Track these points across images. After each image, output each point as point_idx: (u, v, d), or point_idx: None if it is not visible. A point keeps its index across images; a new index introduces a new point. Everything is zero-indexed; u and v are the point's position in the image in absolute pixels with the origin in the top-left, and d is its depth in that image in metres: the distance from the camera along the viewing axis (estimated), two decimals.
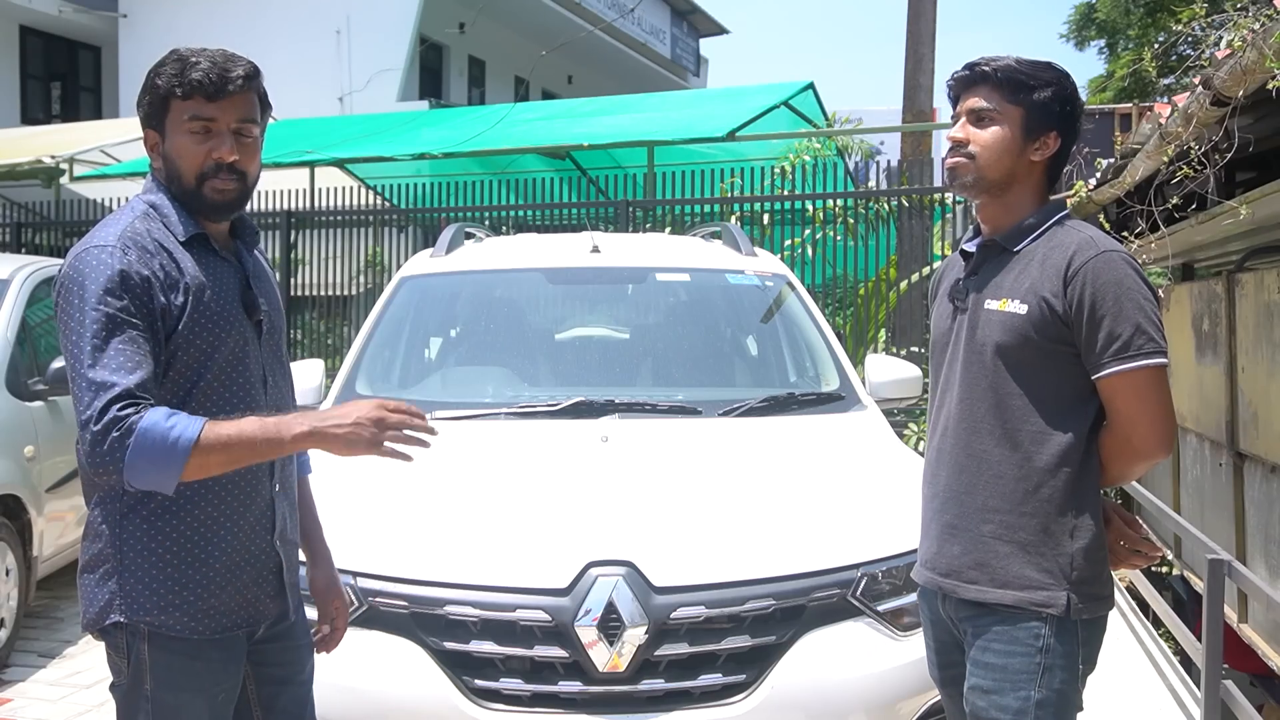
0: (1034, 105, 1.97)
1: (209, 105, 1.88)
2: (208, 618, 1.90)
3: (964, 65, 2.04)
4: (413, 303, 4.02)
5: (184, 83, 1.87)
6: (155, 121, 1.92)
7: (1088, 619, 1.93)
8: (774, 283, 4.07)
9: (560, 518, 2.67)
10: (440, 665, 2.44)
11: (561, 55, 18.52)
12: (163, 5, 17.61)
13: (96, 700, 4.18)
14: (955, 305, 2.08)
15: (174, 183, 1.92)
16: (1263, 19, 3.35)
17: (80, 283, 1.80)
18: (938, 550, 2.03)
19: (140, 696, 1.90)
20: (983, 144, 1.98)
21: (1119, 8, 19.15)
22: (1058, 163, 2.04)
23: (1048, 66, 2.00)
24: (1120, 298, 1.86)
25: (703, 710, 2.43)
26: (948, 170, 2.05)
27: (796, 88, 9.95)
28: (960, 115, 2.02)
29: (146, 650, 1.88)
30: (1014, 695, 1.90)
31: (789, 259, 7.22)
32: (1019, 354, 1.93)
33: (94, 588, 1.89)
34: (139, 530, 1.86)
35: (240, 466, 1.83)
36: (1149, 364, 1.85)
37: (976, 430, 1.98)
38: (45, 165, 10.70)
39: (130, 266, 1.81)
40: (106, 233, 1.86)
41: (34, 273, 5.33)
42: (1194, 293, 5.51)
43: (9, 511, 4.62)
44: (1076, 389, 1.92)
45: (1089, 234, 1.95)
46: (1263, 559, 4.44)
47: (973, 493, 1.98)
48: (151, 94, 1.91)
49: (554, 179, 9.01)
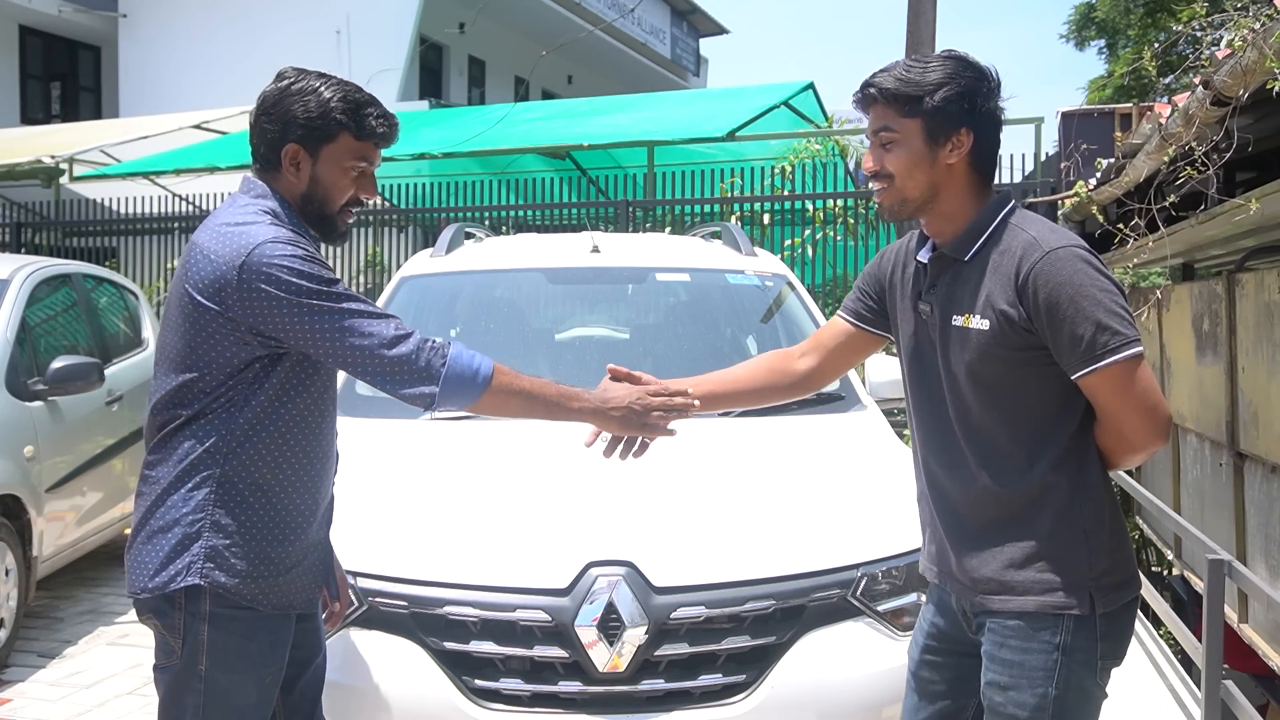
0: (930, 113, 1.88)
1: (376, 151, 2.09)
2: (277, 595, 2.01)
3: (859, 85, 1.98)
4: (413, 303, 4.01)
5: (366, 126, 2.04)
6: (311, 143, 2.02)
7: (1107, 611, 1.89)
8: (774, 283, 4.07)
9: (560, 518, 2.67)
10: (440, 665, 2.44)
11: (561, 55, 18.53)
12: (163, 5, 17.61)
13: (97, 700, 4.18)
14: (923, 318, 2.03)
15: (310, 204, 2.06)
16: (1263, 19, 3.35)
17: (284, 270, 1.91)
18: (958, 564, 1.99)
19: (194, 676, 1.96)
20: (894, 166, 1.93)
21: (1119, 8, 19.15)
22: (984, 156, 1.95)
23: (936, 66, 1.91)
24: (1075, 298, 1.79)
25: (703, 710, 2.42)
26: (876, 204, 2.02)
27: (796, 88, 9.96)
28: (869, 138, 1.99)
29: (206, 631, 1.94)
30: (1031, 692, 1.88)
31: (789, 259, 7.23)
32: (992, 370, 1.89)
33: (168, 550, 1.94)
34: (233, 503, 1.96)
35: (531, 417, 2.16)
36: (1120, 358, 1.79)
37: (974, 449, 1.94)
38: (45, 165, 10.71)
39: (307, 248, 1.97)
40: (267, 230, 1.95)
41: (34, 273, 5.33)
42: (1194, 293, 5.51)
43: (9, 512, 4.62)
44: (1060, 389, 1.88)
45: (1032, 233, 1.87)
46: (1263, 559, 4.44)
47: (983, 509, 1.94)
48: (324, 120, 2.01)
49: (554, 179, 9.02)
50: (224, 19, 16.92)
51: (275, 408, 1.99)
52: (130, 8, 18.09)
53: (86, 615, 5.26)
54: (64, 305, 5.66)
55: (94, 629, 5.06)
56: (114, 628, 5.02)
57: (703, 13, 26.19)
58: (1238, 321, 4.67)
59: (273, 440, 1.99)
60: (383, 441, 3.24)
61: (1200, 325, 5.35)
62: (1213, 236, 5.32)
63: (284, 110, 2.01)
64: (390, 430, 3.31)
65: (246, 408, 1.97)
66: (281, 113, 2.01)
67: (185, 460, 1.96)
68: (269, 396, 1.98)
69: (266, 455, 1.99)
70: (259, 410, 1.97)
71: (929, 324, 2.01)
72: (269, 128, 2.03)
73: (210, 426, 1.96)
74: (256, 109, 2.06)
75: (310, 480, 2.07)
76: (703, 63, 27.97)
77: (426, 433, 3.25)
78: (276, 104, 2.02)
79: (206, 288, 1.93)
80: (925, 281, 2.02)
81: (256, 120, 2.06)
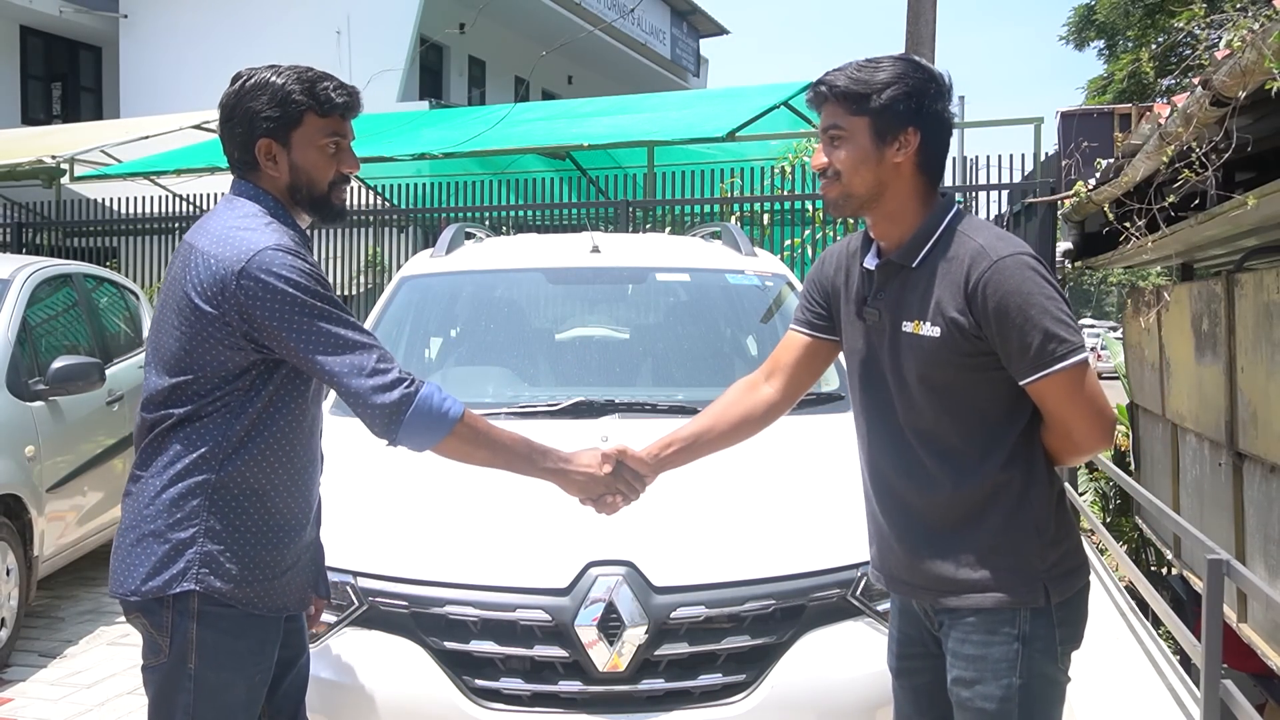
0: (877, 112, 1.91)
1: (344, 123, 2.08)
2: (272, 598, 2.02)
3: (811, 84, 2.01)
4: (413, 303, 4.02)
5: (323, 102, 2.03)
6: (281, 134, 2.03)
7: (1063, 600, 1.93)
8: (774, 283, 4.07)
9: (560, 518, 2.67)
10: (440, 665, 2.44)
11: (561, 55, 18.51)
12: (163, 5, 17.61)
13: (97, 700, 4.18)
14: (868, 323, 2.04)
15: (299, 191, 2.06)
16: (1262, 19, 3.35)
17: (283, 280, 1.91)
18: (909, 565, 2.02)
19: (183, 675, 1.95)
20: (840, 163, 1.95)
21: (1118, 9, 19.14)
22: (931, 157, 1.96)
23: (886, 66, 1.94)
24: (1023, 306, 1.82)
25: (703, 710, 2.43)
26: (823, 197, 2.04)
27: (796, 88, 9.95)
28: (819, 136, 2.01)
29: (194, 629, 1.94)
30: (996, 684, 1.91)
31: (789, 259, 7.23)
32: (943, 375, 1.91)
33: (161, 557, 1.94)
34: (228, 508, 1.96)
35: (495, 467, 2.13)
36: (1066, 365, 1.83)
37: (924, 452, 1.96)
38: (46, 165, 10.71)
39: (307, 260, 1.98)
40: (268, 236, 1.96)
41: (34, 273, 5.34)
42: (1194, 293, 5.51)
43: (10, 511, 4.62)
44: (1009, 392, 1.91)
45: (980, 241, 1.89)
46: (1262, 559, 4.44)
47: (931, 511, 1.97)
48: (284, 108, 2.01)
49: (554, 179, 9.02)
50: (224, 19, 16.92)
51: (271, 413, 2.00)
52: (130, 8, 18.09)
53: (87, 615, 5.26)
54: (65, 305, 5.67)
55: (95, 629, 5.06)
56: (114, 627, 5.02)
57: (703, 13, 26.18)
58: (1237, 321, 4.67)
59: (268, 446, 2.00)
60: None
61: (1199, 325, 5.35)
62: (1212, 236, 5.32)
63: (245, 110, 2.02)
64: None
65: (243, 414, 1.97)
66: (243, 113, 2.02)
67: (178, 464, 1.95)
68: (265, 402, 1.99)
69: (261, 460, 1.99)
70: (255, 416, 1.98)
71: (876, 329, 2.02)
72: (237, 131, 2.04)
73: (205, 431, 1.96)
74: (221, 117, 2.07)
75: (303, 483, 2.08)
76: (703, 63, 27.96)
77: None
78: (236, 106, 2.03)
79: (206, 291, 1.93)
80: (871, 287, 2.03)
81: (223, 127, 2.07)
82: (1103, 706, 3.62)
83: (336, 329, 1.94)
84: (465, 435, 2.03)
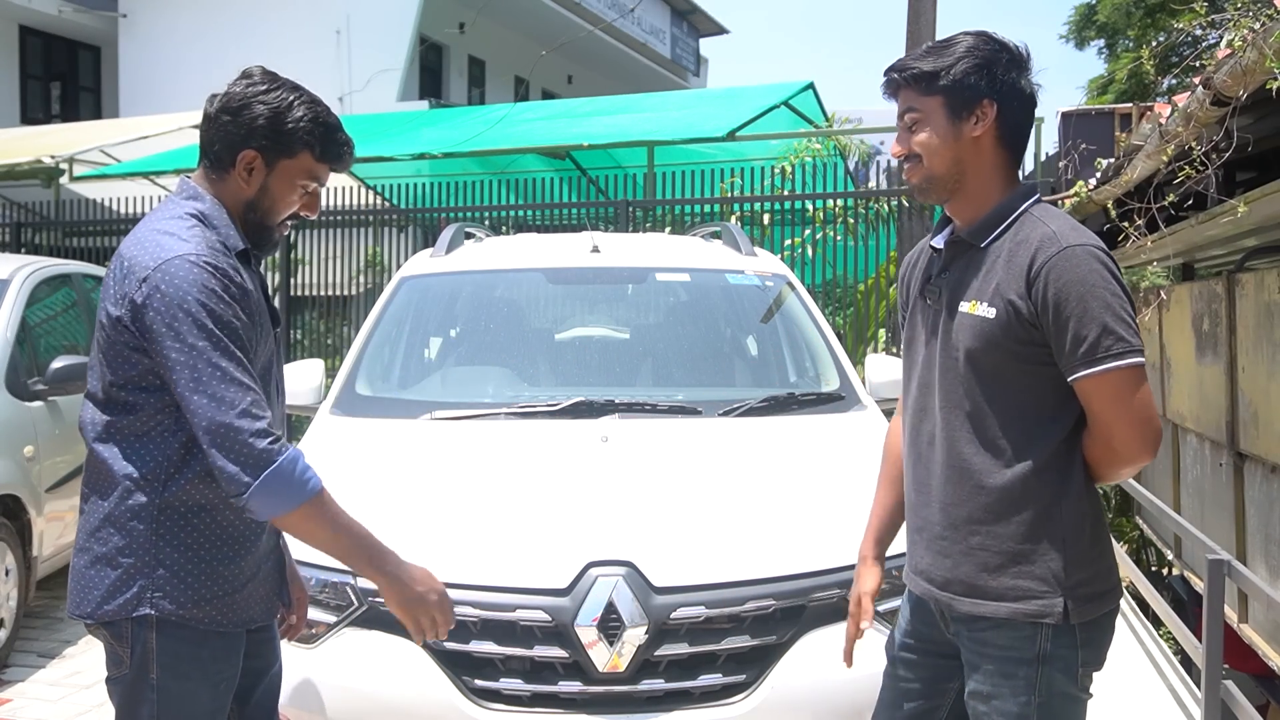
0: (949, 88, 1.88)
1: (329, 173, 2.05)
2: (234, 612, 1.97)
3: (883, 73, 1.99)
4: (413, 303, 4.01)
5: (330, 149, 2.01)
6: (271, 153, 1.97)
7: (1087, 620, 1.87)
8: (774, 283, 4.07)
9: (560, 518, 2.67)
10: (440, 665, 2.44)
11: (561, 55, 18.53)
12: (163, 5, 17.61)
13: (96, 700, 4.17)
14: (928, 303, 2.01)
15: (252, 210, 2.00)
16: (1263, 19, 3.34)
17: (184, 294, 1.82)
18: (930, 562, 1.98)
19: (146, 686, 1.92)
20: (920, 145, 1.92)
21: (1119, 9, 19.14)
22: (1012, 130, 1.92)
23: (955, 42, 1.91)
24: (1084, 297, 1.77)
25: (703, 710, 2.42)
26: (908, 184, 2.02)
27: (796, 88, 9.95)
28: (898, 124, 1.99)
29: (154, 638, 1.91)
30: (1014, 700, 1.87)
31: (789, 259, 7.22)
32: (991, 359, 1.87)
33: (114, 581, 1.90)
34: (175, 527, 1.91)
35: (331, 553, 1.97)
36: (1118, 365, 1.77)
37: (958, 438, 1.92)
38: (45, 165, 10.70)
39: (225, 277, 1.88)
40: (189, 242, 1.87)
41: (34, 273, 5.34)
42: (1194, 293, 5.51)
43: (9, 511, 4.62)
44: (1056, 390, 1.85)
45: (1053, 227, 1.84)
46: (1263, 559, 4.44)
47: (959, 504, 1.92)
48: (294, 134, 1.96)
49: (554, 179, 9.01)
50: (224, 19, 16.92)
51: None
52: (130, 8, 18.09)
53: None
54: (64, 305, 5.66)
55: None
56: None
57: (703, 13, 26.19)
58: (1237, 321, 4.67)
59: None
60: (383, 441, 3.24)
61: (1200, 325, 5.35)
62: (1213, 236, 5.32)
63: (251, 115, 1.95)
64: (390, 430, 3.31)
65: (180, 429, 1.89)
66: (248, 117, 1.95)
67: (121, 485, 1.89)
68: None
69: (206, 475, 1.90)
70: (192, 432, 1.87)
71: (933, 309, 1.99)
72: (231, 129, 1.96)
73: (145, 450, 1.90)
74: (220, 105, 1.98)
75: None
76: (703, 63, 27.97)
77: (427, 433, 3.26)
78: (245, 106, 1.95)
79: (115, 294, 1.87)
80: (937, 266, 2.01)
81: (217, 116, 1.98)
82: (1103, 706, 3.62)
83: (220, 359, 1.82)
84: (315, 513, 1.88)
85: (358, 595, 2.52)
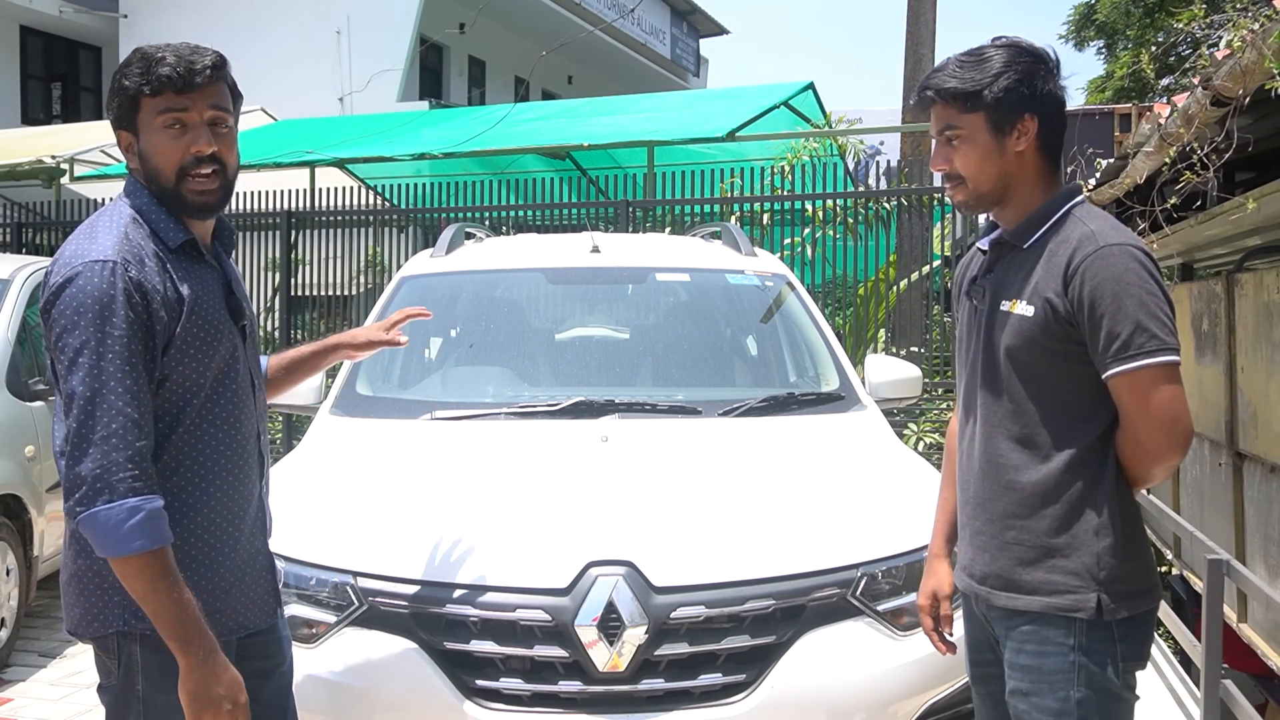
0: (990, 105, 1.88)
1: (180, 98, 1.87)
2: (219, 619, 1.91)
3: (917, 88, 1.98)
4: (413, 303, 4.01)
5: (151, 79, 1.86)
6: (127, 122, 1.91)
7: (1125, 617, 1.87)
8: (774, 283, 4.07)
9: (560, 517, 2.67)
10: (440, 665, 2.44)
11: (561, 55, 18.54)
12: (163, 5, 17.63)
13: (96, 700, 4.17)
14: (974, 303, 2.04)
15: (153, 182, 1.91)
16: (1262, 19, 3.35)
17: (82, 300, 1.77)
18: (972, 557, 2.01)
19: (132, 698, 1.90)
20: (963, 164, 1.93)
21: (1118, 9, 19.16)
22: (1051, 138, 1.93)
23: (992, 56, 1.90)
24: (1119, 295, 1.78)
25: (703, 710, 2.43)
26: (951, 202, 2.06)
27: (796, 88, 9.95)
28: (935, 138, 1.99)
29: (138, 651, 1.88)
30: (1053, 696, 1.87)
31: (789, 259, 7.22)
32: (1029, 356, 1.89)
33: (94, 597, 1.87)
34: None
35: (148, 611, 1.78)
36: (1150, 363, 1.78)
37: (995, 434, 1.95)
38: (46, 165, 10.71)
39: (133, 283, 1.79)
40: (103, 244, 1.82)
41: (34, 273, 5.34)
42: (1194, 293, 5.52)
43: (9, 511, 4.62)
44: (1092, 389, 1.86)
45: (1092, 227, 1.86)
46: (1262, 559, 4.44)
47: (995, 499, 1.95)
48: (120, 95, 1.90)
49: (554, 179, 9.01)
50: (224, 19, 16.94)
51: (173, 436, 1.87)
52: (130, 8, 18.11)
53: None
54: None
55: None
56: None
57: (703, 13, 26.19)
58: (1237, 322, 4.67)
59: (176, 467, 1.87)
60: (383, 441, 3.25)
61: (1200, 325, 5.35)
62: (1213, 236, 5.32)
63: (110, 105, 1.91)
64: (390, 430, 3.31)
65: None
66: (110, 108, 1.91)
67: None
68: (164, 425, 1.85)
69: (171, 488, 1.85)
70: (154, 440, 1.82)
71: (978, 309, 2.02)
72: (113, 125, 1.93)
73: None
74: None
75: (227, 493, 1.94)
76: (703, 63, 27.98)
77: (427, 433, 3.26)
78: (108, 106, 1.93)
79: (42, 302, 1.84)
80: (983, 267, 2.04)
81: None
82: None
83: (105, 381, 1.73)
84: (145, 566, 1.74)
85: (358, 595, 2.52)
